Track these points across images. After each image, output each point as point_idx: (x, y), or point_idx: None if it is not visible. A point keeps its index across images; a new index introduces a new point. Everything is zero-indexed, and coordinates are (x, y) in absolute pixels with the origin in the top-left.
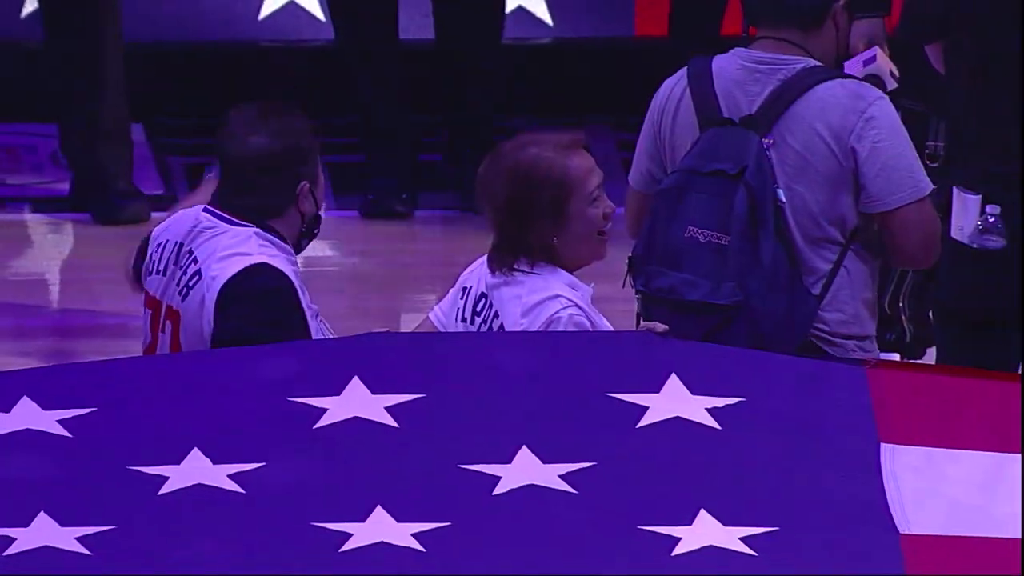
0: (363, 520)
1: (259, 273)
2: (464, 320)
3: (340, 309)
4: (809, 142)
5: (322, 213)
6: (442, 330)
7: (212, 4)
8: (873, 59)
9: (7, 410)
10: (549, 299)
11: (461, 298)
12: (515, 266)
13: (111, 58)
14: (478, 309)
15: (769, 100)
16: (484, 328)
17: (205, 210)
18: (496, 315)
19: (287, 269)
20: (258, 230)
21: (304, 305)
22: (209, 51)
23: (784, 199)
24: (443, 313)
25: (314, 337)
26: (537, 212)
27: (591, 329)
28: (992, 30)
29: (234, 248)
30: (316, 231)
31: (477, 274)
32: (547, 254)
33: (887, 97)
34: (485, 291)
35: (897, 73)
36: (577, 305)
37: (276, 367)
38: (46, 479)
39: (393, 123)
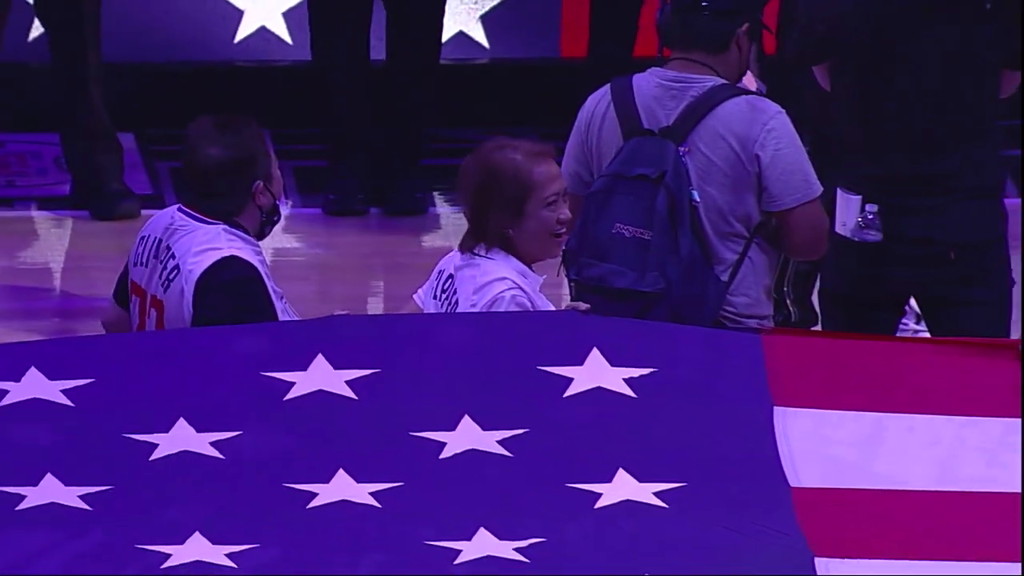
0: (327, 481)
1: (229, 265)
2: (435, 298)
3: (307, 294)
4: (719, 150)
5: (281, 204)
6: (422, 307)
7: (194, 29)
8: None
9: (17, 379)
10: (496, 280)
11: (436, 280)
12: (475, 250)
13: (95, 79)
14: (445, 288)
15: (684, 114)
16: (447, 304)
17: (179, 209)
18: (455, 292)
19: (254, 259)
20: (226, 227)
21: (270, 289)
22: (192, 70)
23: (698, 199)
24: (423, 292)
25: (280, 317)
26: (497, 205)
27: (530, 310)
28: (870, 54)
29: (206, 244)
30: (276, 220)
31: (450, 258)
32: (504, 243)
33: (784, 112)
34: (452, 272)
35: (764, 89)
36: (520, 288)
37: (250, 345)
38: (52, 444)
39: (358, 133)
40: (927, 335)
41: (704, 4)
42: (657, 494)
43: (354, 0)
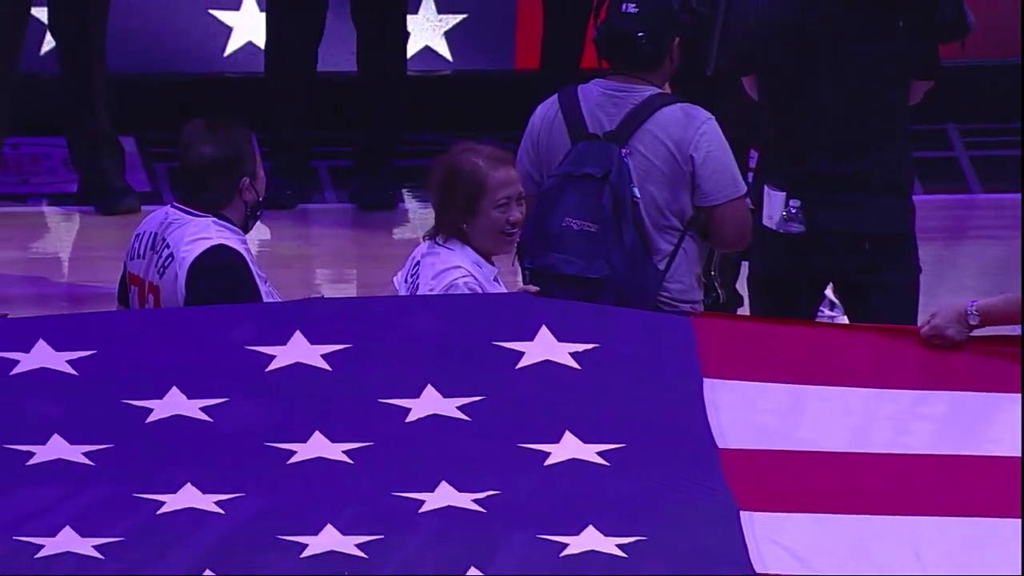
0: (305, 441)
1: (218, 252)
2: (405, 282)
3: (290, 281)
4: (657, 151)
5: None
6: (398, 290)
7: (189, 44)
8: None
9: (27, 351)
10: (452, 268)
11: (408, 265)
12: (436, 240)
13: (100, 88)
14: (412, 273)
15: (625, 119)
16: (411, 288)
17: (172, 206)
18: (418, 277)
19: (240, 248)
20: (215, 219)
21: (255, 274)
22: (186, 80)
23: (638, 195)
24: (399, 277)
25: (264, 299)
26: (454, 201)
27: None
28: (792, 69)
29: (198, 234)
30: (259, 214)
31: (420, 247)
32: (460, 236)
33: (714, 118)
34: (419, 259)
35: None
36: (473, 276)
37: (236, 323)
38: (58, 408)
39: (292, 135)
40: (842, 320)
41: (640, 35)
42: (600, 453)
43: (305, 21)
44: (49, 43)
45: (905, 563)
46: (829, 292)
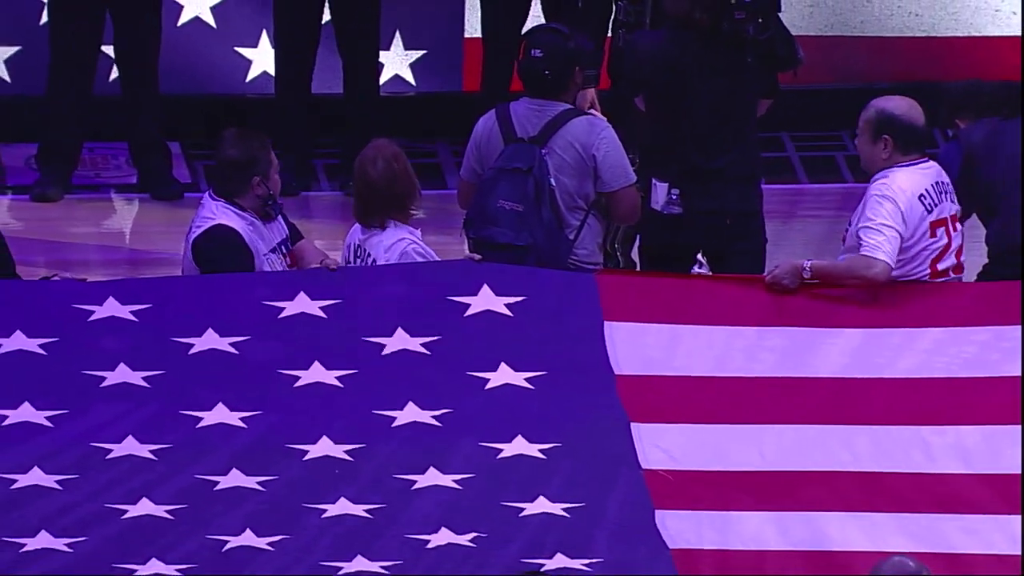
0: (307, 369)
1: (216, 230)
2: (348, 263)
3: None
4: (568, 151)
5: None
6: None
7: (220, 72)
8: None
9: (100, 304)
10: (400, 240)
11: (346, 251)
12: (375, 225)
13: (151, 106)
14: (358, 254)
15: (544, 128)
16: (365, 263)
17: (208, 194)
18: (369, 254)
19: (237, 224)
20: (225, 203)
21: (248, 243)
22: (217, 100)
23: (554, 184)
24: (340, 260)
25: (276, 267)
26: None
27: (426, 256)
28: (670, 93)
29: (206, 215)
30: (271, 205)
31: (353, 232)
32: (402, 217)
33: (611, 127)
34: (359, 242)
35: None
36: (417, 242)
37: (256, 284)
38: (123, 345)
39: (292, 138)
40: None
41: (547, 73)
42: (527, 379)
43: (303, 56)
44: (115, 73)
45: (751, 460)
46: (700, 257)
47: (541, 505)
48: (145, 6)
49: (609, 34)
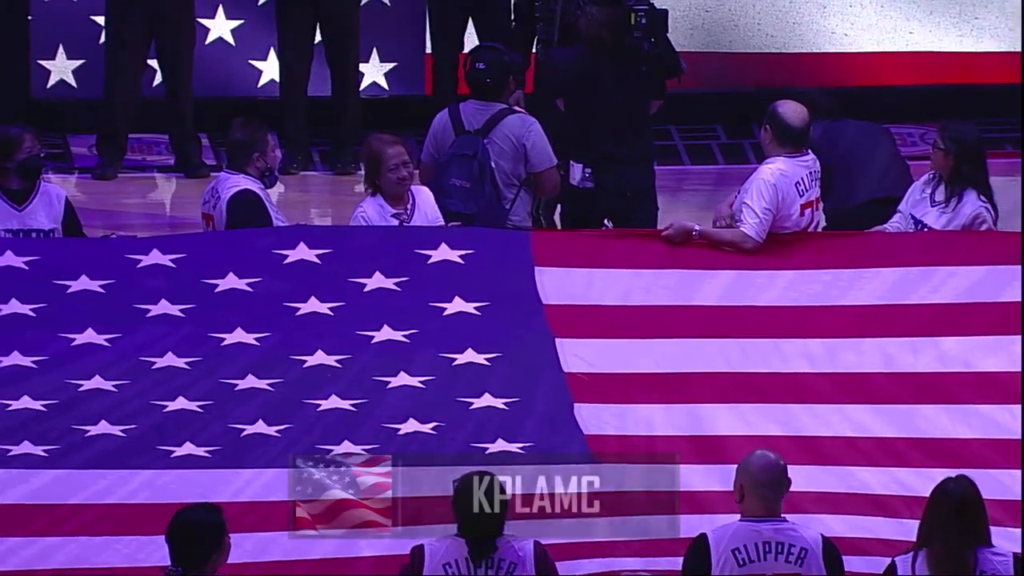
0: (305, 301)
1: (243, 193)
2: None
3: (295, 216)
4: (505, 141)
5: (275, 168)
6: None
7: (237, 79)
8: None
9: (146, 254)
10: (358, 209)
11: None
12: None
13: (186, 105)
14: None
15: (486, 123)
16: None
17: (223, 171)
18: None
19: (256, 189)
20: (244, 175)
21: (267, 205)
22: (236, 101)
23: (495, 166)
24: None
25: (275, 222)
26: (368, 168)
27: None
28: (578, 97)
29: (231, 184)
30: (269, 176)
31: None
32: (376, 189)
33: (539, 122)
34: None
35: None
36: (365, 213)
37: (265, 237)
38: (165, 285)
39: (294, 129)
40: None
41: (487, 81)
42: (475, 308)
43: (300, 66)
44: (158, 79)
45: (647, 365)
46: (607, 222)
47: (486, 400)
48: (181, 29)
49: (534, 50)
